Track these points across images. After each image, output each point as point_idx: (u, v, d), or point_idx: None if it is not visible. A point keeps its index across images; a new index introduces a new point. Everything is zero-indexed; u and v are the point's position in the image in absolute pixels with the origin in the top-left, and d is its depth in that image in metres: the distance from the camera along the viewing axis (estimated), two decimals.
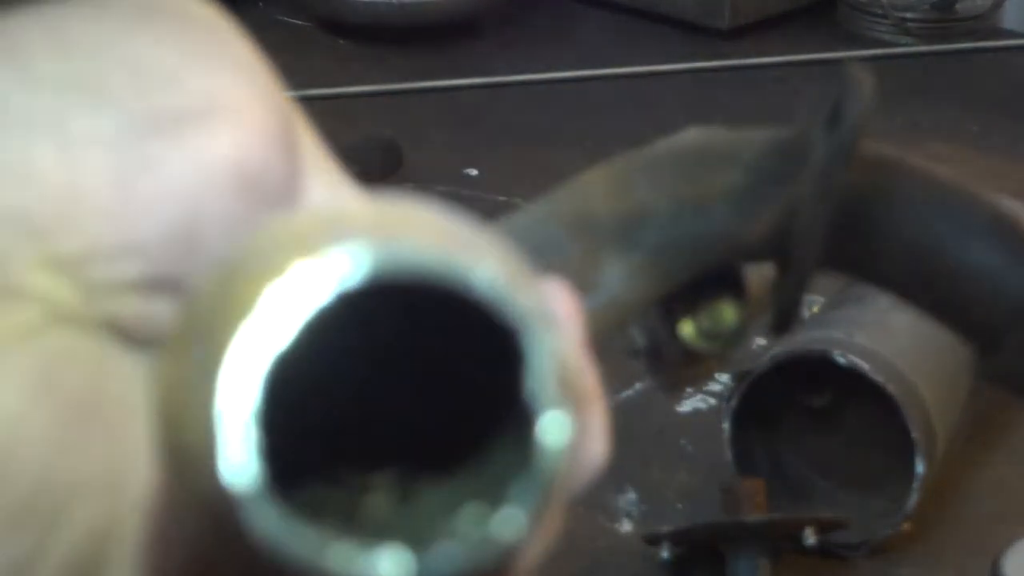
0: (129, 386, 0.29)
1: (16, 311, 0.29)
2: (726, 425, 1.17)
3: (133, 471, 0.29)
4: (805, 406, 1.21)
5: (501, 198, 1.77)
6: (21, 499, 0.28)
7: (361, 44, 2.19)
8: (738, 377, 1.18)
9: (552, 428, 0.26)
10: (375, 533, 0.26)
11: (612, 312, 0.60)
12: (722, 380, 1.34)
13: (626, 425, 1.30)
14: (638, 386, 1.34)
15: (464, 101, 2.01)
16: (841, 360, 1.13)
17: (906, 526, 1.16)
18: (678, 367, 0.64)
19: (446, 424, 0.29)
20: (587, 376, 0.33)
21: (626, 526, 1.19)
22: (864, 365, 1.12)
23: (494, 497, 0.26)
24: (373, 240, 0.26)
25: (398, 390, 0.30)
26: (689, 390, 0.62)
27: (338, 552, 0.25)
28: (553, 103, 2.03)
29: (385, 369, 0.29)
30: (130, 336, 0.30)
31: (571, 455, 0.27)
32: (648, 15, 2.27)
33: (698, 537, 1.12)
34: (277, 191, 0.32)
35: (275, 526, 0.25)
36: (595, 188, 0.61)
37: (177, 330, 0.28)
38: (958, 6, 2.24)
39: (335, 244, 0.26)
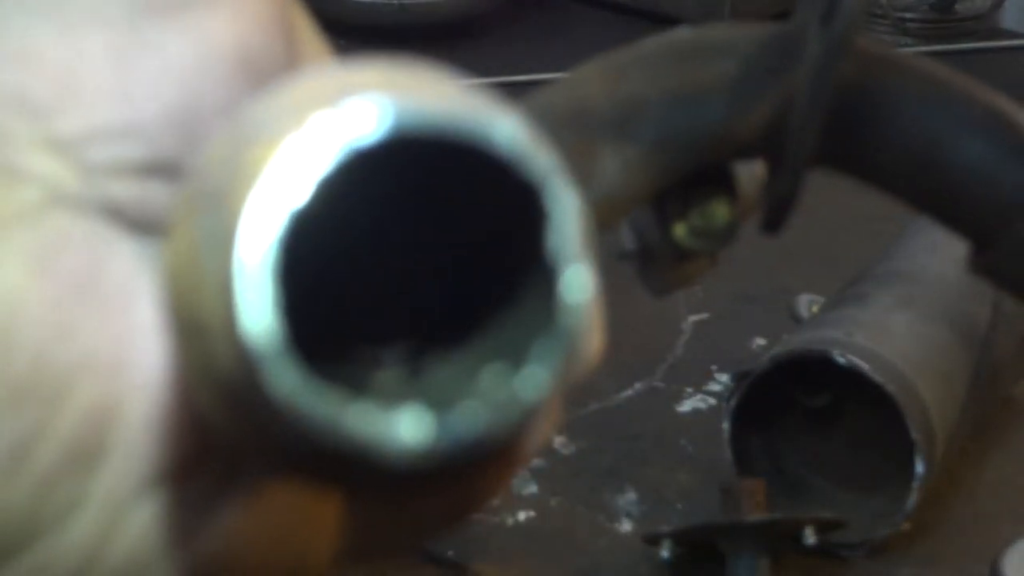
0: (129, 269, 0.29)
1: (15, 191, 0.28)
2: (726, 425, 1.17)
3: (135, 352, 0.29)
4: (805, 406, 1.21)
5: None
6: (20, 379, 0.28)
7: (361, 44, 2.19)
8: (738, 377, 1.18)
9: (575, 284, 0.26)
10: (396, 397, 0.26)
11: (608, 206, 0.60)
12: (722, 380, 1.34)
13: (626, 425, 1.30)
14: (638, 386, 1.34)
15: None
16: (841, 360, 1.13)
17: (906, 526, 1.16)
18: (668, 267, 0.64)
19: (466, 286, 0.29)
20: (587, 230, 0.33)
21: (626, 526, 1.19)
22: (864, 365, 1.12)
23: (516, 357, 0.26)
24: (391, 94, 0.25)
25: (416, 251, 0.29)
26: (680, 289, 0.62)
27: (358, 413, 0.24)
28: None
29: (403, 229, 0.29)
30: (130, 220, 0.30)
31: (592, 313, 0.26)
32: (648, 15, 2.27)
33: (698, 537, 1.12)
34: (276, 75, 0.32)
35: (294, 386, 0.24)
36: (590, 81, 0.61)
37: (183, 201, 0.27)
38: (958, 6, 2.24)
39: (352, 97, 0.25)
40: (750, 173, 0.63)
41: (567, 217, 0.26)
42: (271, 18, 0.32)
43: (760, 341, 1.41)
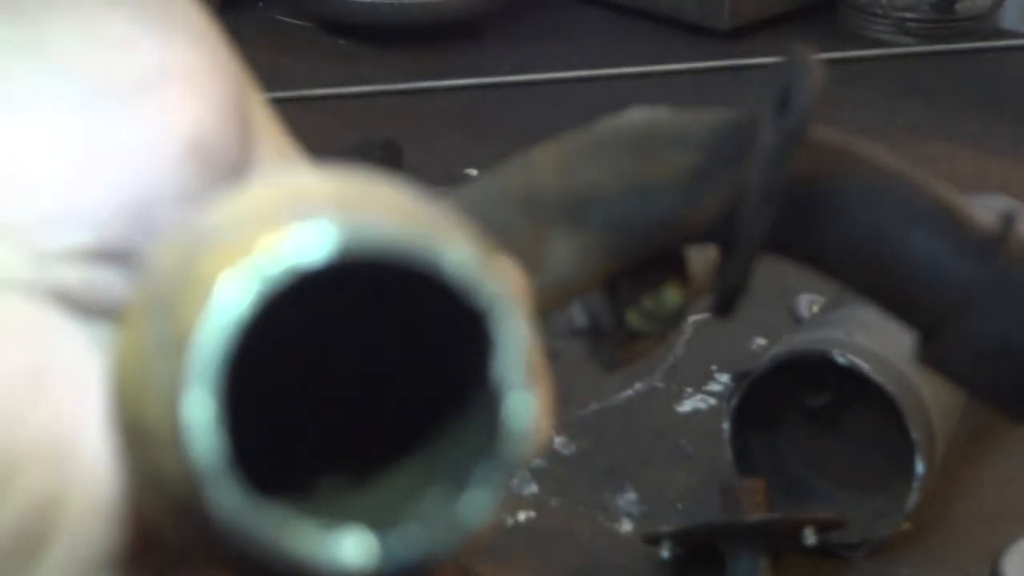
0: (78, 356, 0.29)
1: None
2: (726, 425, 1.17)
3: (83, 442, 0.28)
4: (805, 406, 1.21)
5: None
6: None
7: (361, 44, 2.19)
8: (738, 377, 1.18)
9: (519, 411, 0.26)
10: (338, 516, 0.26)
11: (559, 290, 0.60)
12: (722, 380, 1.34)
13: (626, 425, 1.30)
14: (638, 386, 1.34)
15: (464, 101, 2.01)
16: (841, 360, 1.13)
17: (906, 526, 1.16)
18: (618, 347, 0.64)
19: (410, 406, 0.29)
20: (537, 353, 0.33)
21: (626, 526, 1.19)
22: (864, 365, 1.12)
23: (459, 480, 0.26)
24: (339, 217, 0.25)
25: (361, 371, 0.29)
26: (633, 367, 0.63)
27: (300, 533, 0.24)
28: (553, 103, 2.03)
29: (351, 347, 0.29)
30: (80, 306, 0.29)
31: (535, 438, 0.26)
32: (648, 15, 2.27)
33: (698, 537, 1.12)
34: (230, 163, 0.31)
35: (237, 505, 0.24)
36: (542, 166, 0.61)
37: (134, 305, 0.27)
38: (958, 6, 2.24)
39: (300, 220, 0.25)
40: (702, 256, 0.63)
41: (513, 344, 0.26)
42: (227, 105, 0.31)
43: (760, 341, 1.41)
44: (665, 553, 1.12)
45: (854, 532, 1.15)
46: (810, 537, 1.11)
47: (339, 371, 0.29)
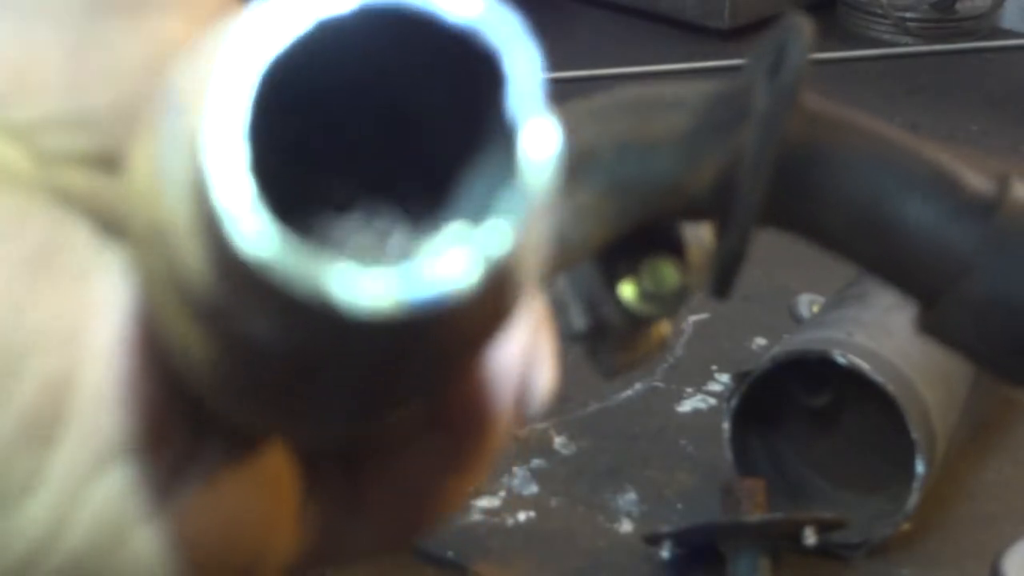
0: (84, 245, 0.29)
1: None
2: (726, 425, 1.17)
3: (91, 326, 0.29)
4: (805, 406, 1.21)
5: None
6: None
7: None
8: (738, 377, 1.18)
9: (537, 137, 0.26)
10: (363, 256, 0.26)
11: (557, 253, 0.60)
12: (722, 380, 1.34)
13: (626, 425, 1.30)
14: (638, 386, 1.34)
15: None
16: (841, 360, 1.13)
17: (906, 526, 1.16)
18: (619, 341, 0.64)
19: (429, 155, 0.29)
20: (536, 307, 0.33)
21: (626, 526, 1.19)
22: (864, 365, 1.12)
23: (481, 213, 0.26)
24: None
25: (379, 121, 0.29)
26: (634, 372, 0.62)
27: (327, 269, 0.24)
28: (553, 103, 2.03)
29: (366, 99, 0.29)
30: (82, 208, 0.30)
31: (556, 169, 0.26)
32: (648, 15, 2.27)
33: (698, 537, 1.12)
34: None
35: (270, 243, 0.24)
36: None
37: (146, 118, 0.27)
38: (958, 6, 2.24)
39: None
40: (698, 238, 0.63)
41: (526, 76, 0.26)
42: (226, 14, 0.32)
43: (760, 341, 1.41)
44: (665, 553, 1.12)
45: (854, 532, 1.15)
46: (810, 537, 1.11)
47: (357, 124, 0.29)
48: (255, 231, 0.24)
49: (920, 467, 1.12)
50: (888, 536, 1.15)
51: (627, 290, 0.62)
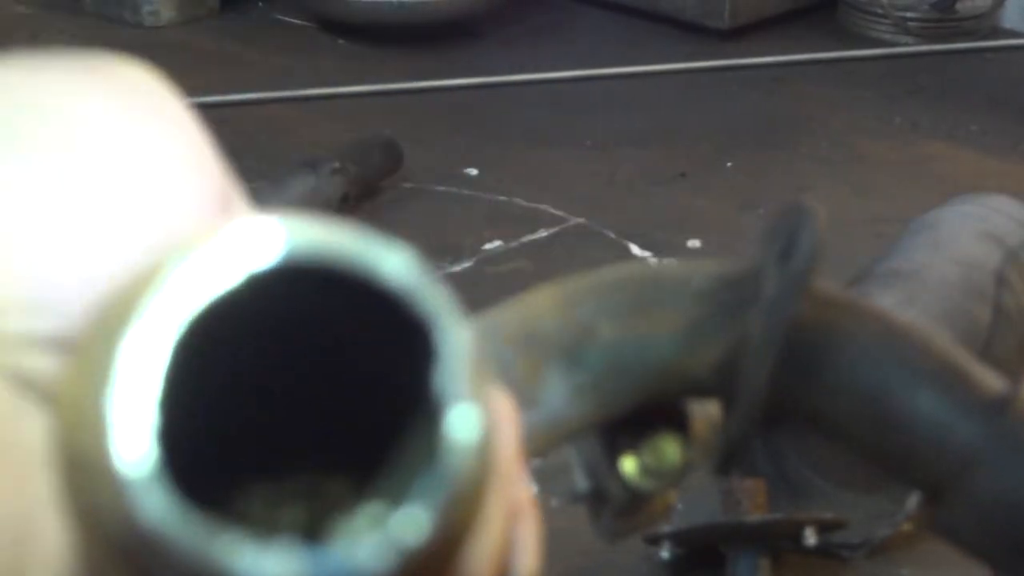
0: (39, 440, 0.28)
1: None
2: None
3: (42, 518, 0.28)
4: None
5: (501, 198, 1.77)
6: None
7: (361, 44, 2.18)
8: None
9: (460, 422, 0.25)
10: (271, 529, 0.25)
11: (552, 430, 0.60)
12: None
13: None
14: None
15: (464, 101, 2.01)
16: None
17: (906, 526, 1.16)
18: (620, 509, 0.63)
19: (354, 419, 0.27)
20: (522, 489, 0.32)
21: None
22: None
23: (398, 496, 0.25)
24: (286, 222, 0.25)
25: (306, 387, 0.28)
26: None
27: (227, 543, 0.23)
28: (553, 103, 2.03)
29: (292, 364, 0.28)
30: (39, 393, 0.29)
31: (482, 455, 0.25)
32: (648, 15, 2.27)
33: (698, 537, 1.12)
34: None
35: (163, 512, 0.23)
36: (542, 305, 0.60)
37: (77, 347, 0.27)
38: (958, 6, 2.24)
39: (247, 224, 0.25)
40: (704, 413, 0.62)
41: (455, 355, 0.25)
42: (207, 200, 0.31)
43: None
44: (665, 553, 1.12)
45: (854, 532, 1.15)
46: (810, 537, 1.11)
47: (280, 382, 0.28)
48: (155, 506, 0.23)
49: None
50: (888, 536, 1.15)
51: (628, 465, 0.62)
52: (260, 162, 1.71)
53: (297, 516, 0.27)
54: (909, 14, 2.22)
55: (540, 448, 0.60)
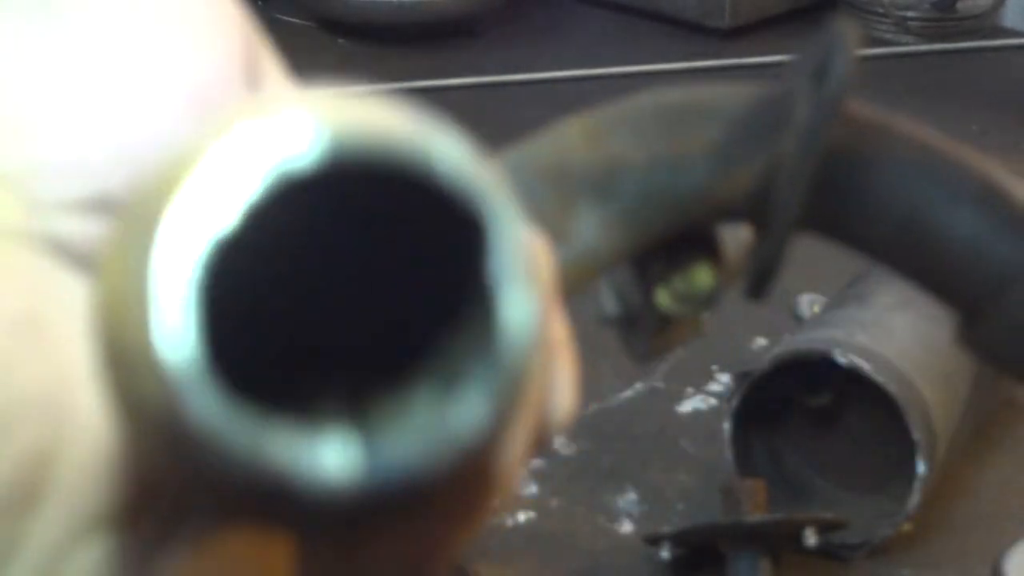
0: (73, 305, 0.28)
1: None
2: (726, 425, 1.17)
3: (76, 394, 0.28)
4: (806, 406, 1.20)
5: None
6: None
7: (361, 44, 2.18)
8: (739, 377, 1.17)
9: (516, 307, 0.24)
10: (323, 426, 0.24)
11: (586, 263, 0.59)
12: (722, 380, 1.34)
13: (626, 425, 1.29)
14: (638, 386, 1.34)
15: (464, 101, 2.01)
16: (842, 360, 1.13)
17: (907, 526, 1.16)
18: (651, 332, 0.63)
19: (406, 316, 0.27)
20: (558, 326, 0.32)
21: (626, 526, 1.19)
22: (865, 365, 1.12)
23: (453, 387, 0.24)
24: (331, 113, 0.24)
25: (352, 282, 0.27)
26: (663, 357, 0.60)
27: (279, 440, 0.23)
28: (553, 103, 2.03)
29: (338, 258, 0.27)
30: (76, 257, 0.29)
31: (537, 340, 0.24)
32: (648, 15, 2.27)
33: (698, 537, 1.12)
34: None
35: (212, 410, 0.23)
36: (572, 137, 0.60)
37: (115, 225, 0.26)
38: (959, 5, 2.24)
39: (287, 120, 0.24)
40: (735, 238, 0.61)
41: (508, 240, 0.24)
42: (232, 56, 0.31)
43: (761, 341, 1.41)
44: (665, 554, 1.12)
45: (855, 533, 1.15)
46: (811, 538, 1.11)
47: (328, 280, 0.27)
48: (198, 400, 0.23)
49: (921, 467, 1.12)
50: (888, 536, 1.15)
51: (660, 291, 0.61)
52: None
53: (348, 413, 0.26)
54: (909, 14, 2.21)
55: (574, 284, 0.59)
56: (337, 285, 0.28)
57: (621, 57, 2.14)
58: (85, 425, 0.28)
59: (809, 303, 1.42)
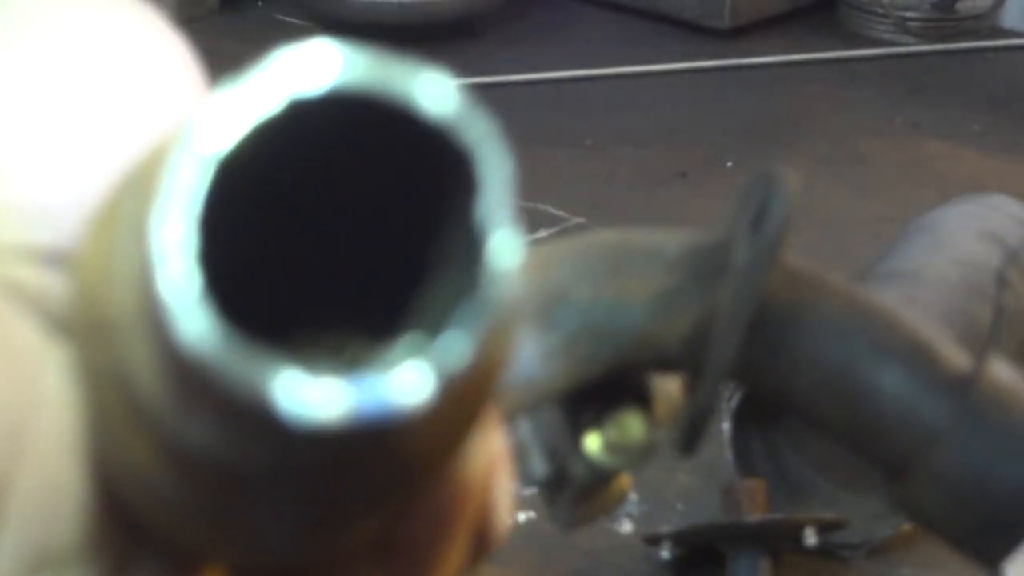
0: (35, 341, 0.28)
1: None
2: (726, 425, 1.17)
3: (32, 424, 0.27)
4: None
5: None
6: None
7: (361, 44, 2.18)
8: None
9: (501, 249, 0.25)
10: (313, 361, 0.24)
11: (523, 392, 0.59)
12: None
13: None
14: None
15: None
16: None
17: (906, 527, 1.16)
18: (580, 493, 0.63)
19: (394, 255, 0.27)
20: (499, 443, 0.32)
21: (626, 526, 1.19)
22: None
23: (440, 324, 0.25)
24: (331, 50, 0.24)
25: (343, 217, 0.28)
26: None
27: (268, 371, 0.23)
28: (553, 103, 2.03)
29: (330, 195, 0.27)
30: (31, 304, 0.28)
31: (519, 280, 0.25)
32: (648, 15, 2.27)
33: (698, 537, 1.12)
34: None
35: (206, 335, 0.23)
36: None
37: (103, 207, 0.26)
38: (959, 5, 2.24)
39: (290, 52, 0.24)
40: (666, 391, 0.62)
41: (496, 183, 0.25)
42: (199, 87, 0.31)
43: None
44: (665, 553, 1.12)
45: (854, 533, 1.15)
46: (810, 537, 1.11)
47: (319, 213, 0.28)
48: (198, 326, 0.23)
49: None
50: (888, 536, 1.15)
51: (591, 441, 0.61)
52: None
53: (338, 348, 0.27)
54: (909, 14, 2.22)
55: (510, 411, 0.59)
56: (332, 230, 0.28)
57: (621, 57, 2.14)
58: (42, 459, 0.27)
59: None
